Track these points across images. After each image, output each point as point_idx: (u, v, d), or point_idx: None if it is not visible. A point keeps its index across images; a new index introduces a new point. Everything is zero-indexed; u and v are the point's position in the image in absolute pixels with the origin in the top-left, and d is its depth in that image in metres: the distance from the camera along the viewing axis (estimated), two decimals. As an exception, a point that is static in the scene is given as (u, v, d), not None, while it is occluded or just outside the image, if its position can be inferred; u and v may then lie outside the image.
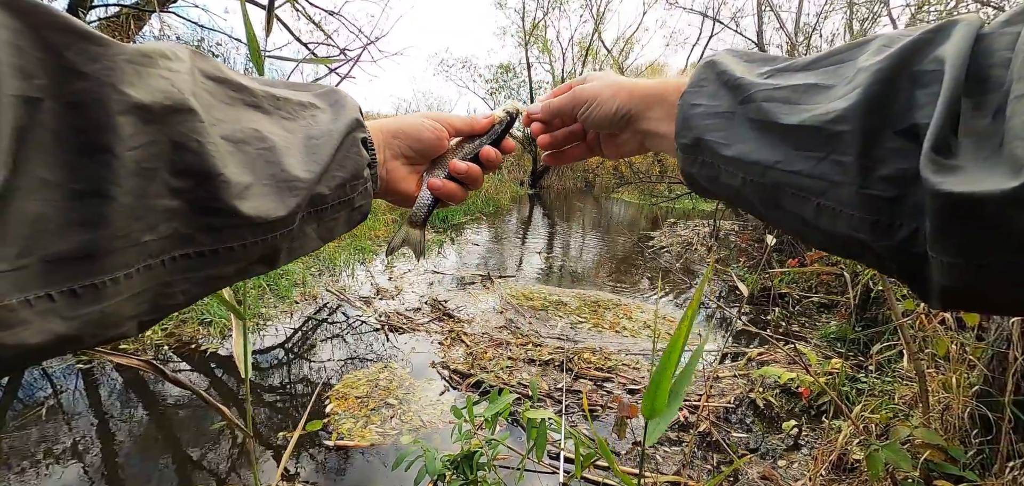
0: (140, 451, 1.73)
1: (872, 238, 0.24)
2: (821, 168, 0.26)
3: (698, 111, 0.34)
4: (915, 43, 0.24)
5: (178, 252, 0.24)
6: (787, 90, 0.29)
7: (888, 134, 0.23)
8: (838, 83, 0.27)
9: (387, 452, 1.76)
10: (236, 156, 0.26)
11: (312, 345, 2.64)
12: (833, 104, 0.26)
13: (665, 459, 1.78)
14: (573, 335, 2.87)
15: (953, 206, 0.19)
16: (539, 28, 12.15)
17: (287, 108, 0.32)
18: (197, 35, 6.67)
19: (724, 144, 0.32)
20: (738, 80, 0.32)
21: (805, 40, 5.35)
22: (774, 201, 0.29)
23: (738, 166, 0.31)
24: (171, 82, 0.23)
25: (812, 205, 0.27)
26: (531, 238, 6.07)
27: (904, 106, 0.23)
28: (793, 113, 0.28)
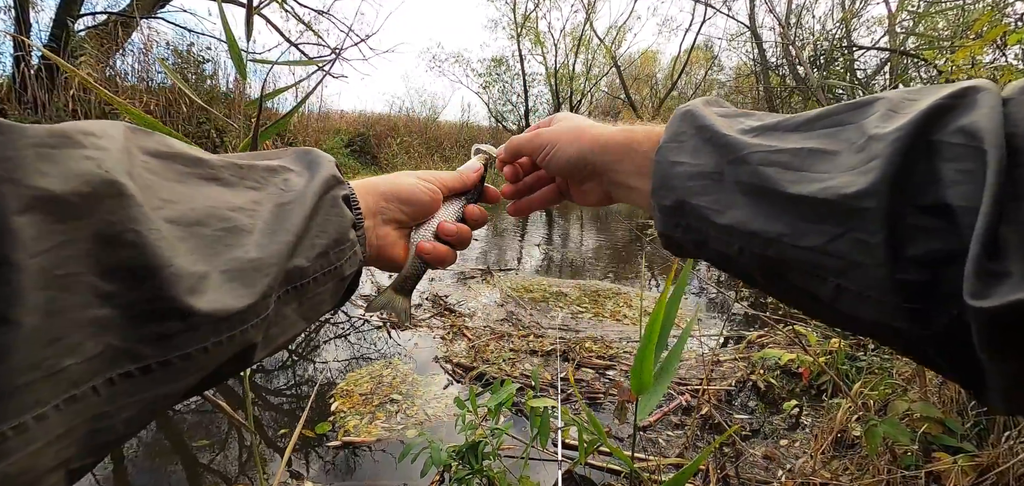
0: (149, 457, 1.74)
1: (910, 326, 0.21)
2: (838, 246, 0.23)
3: (680, 170, 0.30)
4: (934, 109, 0.22)
5: (115, 372, 0.19)
6: (786, 154, 0.26)
7: (911, 210, 0.21)
8: (843, 150, 0.24)
9: (394, 447, 1.78)
10: (187, 242, 0.22)
11: (316, 345, 2.65)
12: (850, 178, 0.23)
13: (669, 443, 1.80)
14: (574, 325, 2.88)
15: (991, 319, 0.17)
16: (531, 20, 12.09)
17: (253, 177, 0.28)
18: (186, 40, 6.64)
19: (715, 210, 0.28)
20: (725, 137, 0.29)
21: (797, 22, 5.34)
22: (778, 275, 0.26)
23: (734, 235, 0.27)
24: (97, 162, 0.19)
25: (829, 285, 0.24)
26: (530, 231, 6.08)
27: (926, 179, 0.21)
28: (800, 182, 0.25)
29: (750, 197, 0.27)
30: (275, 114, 6.04)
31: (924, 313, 0.21)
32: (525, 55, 12.42)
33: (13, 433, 0.16)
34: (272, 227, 0.26)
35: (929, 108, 0.22)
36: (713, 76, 12.00)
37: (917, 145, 0.21)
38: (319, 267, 0.30)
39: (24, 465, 0.16)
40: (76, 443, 0.18)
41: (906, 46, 3.98)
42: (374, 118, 11.11)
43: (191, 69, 6.57)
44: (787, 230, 0.25)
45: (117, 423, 0.20)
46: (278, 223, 0.27)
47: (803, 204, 0.24)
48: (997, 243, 0.18)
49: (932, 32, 3.60)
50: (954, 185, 0.20)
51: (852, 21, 4.97)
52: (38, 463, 0.17)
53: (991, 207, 0.18)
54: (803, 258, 0.24)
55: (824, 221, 0.23)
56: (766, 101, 6.17)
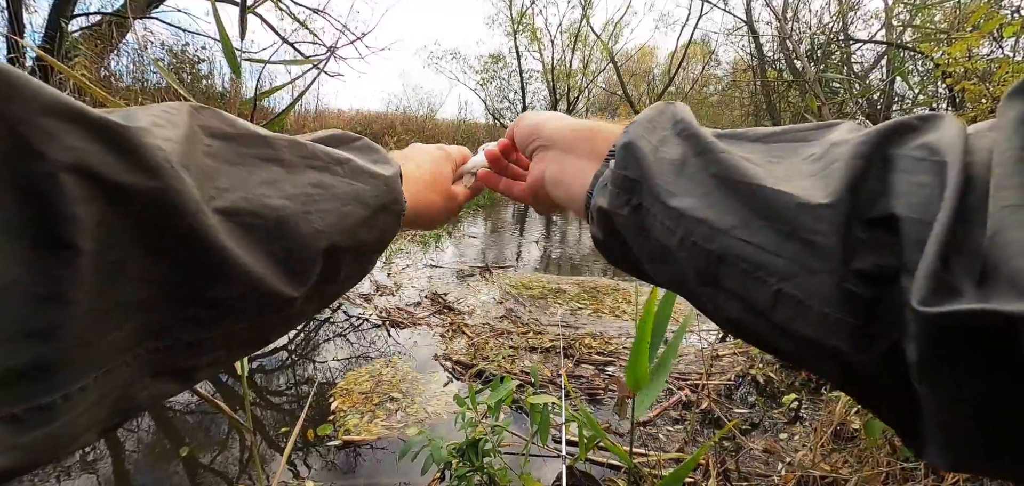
0: (150, 459, 1.74)
1: (849, 346, 0.20)
2: (787, 247, 0.21)
3: (649, 145, 0.29)
4: (898, 125, 0.21)
5: (146, 346, 0.20)
6: (754, 155, 0.25)
7: (859, 224, 0.20)
8: (805, 159, 0.24)
9: (394, 445, 1.78)
10: (234, 234, 0.22)
11: (315, 345, 2.65)
12: (811, 182, 0.22)
13: (669, 438, 1.81)
14: (573, 322, 2.89)
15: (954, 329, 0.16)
16: (527, 16, 12.06)
17: (317, 161, 0.28)
18: (181, 40, 6.61)
19: (669, 192, 0.27)
20: (697, 131, 0.28)
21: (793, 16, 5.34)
22: (713, 276, 0.25)
23: (681, 221, 0.26)
24: (162, 153, 0.19)
25: (768, 290, 0.22)
26: (528, 228, 6.08)
27: (877, 191, 0.20)
28: (759, 178, 0.24)
29: (707, 186, 0.26)
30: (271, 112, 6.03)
31: (865, 333, 0.19)
32: (522, 52, 12.40)
33: (62, 401, 0.17)
34: (324, 225, 0.26)
35: (894, 123, 0.21)
36: (710, 71, 12.00)
37: (874, 156, 0.21)
38: (351, 272, 0.30)
39: (64, 428, 0.18)
40: (107, 407, 0.20)
41: (903, 39, 3.98)
42: (371, 117, 11.09)
43: (186, 69, 6.54)
44: (738, 222, 0.24)
45: (141, 392, 0.21)
46: (330, 221, 0.27)
47: (760, 196, 0.23)
48: (949, 258, 0.17)
49: (928, 25, 3.60)
50: (905, 196, 0.19)
51: (849, 14, 4.97)
52: (78, 424, 0.19)
53: (950, 215, 0.17)
54: (747, 255, 0.23)
55: (777, 219, 0.22)
56: (763, 95, 6.17)
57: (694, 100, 11.48)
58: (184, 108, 0.23)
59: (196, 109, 0.24)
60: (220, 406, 0.84)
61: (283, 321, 0.27)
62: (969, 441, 0.17)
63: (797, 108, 4.78)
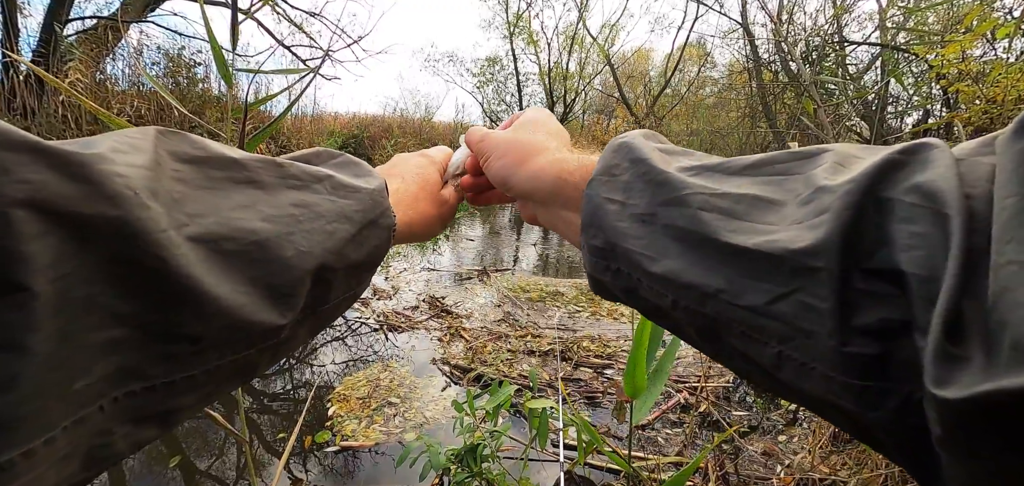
0: (147, 466, 1.73)
1: (858, 407, 0.19)
2: (782, 308, 0.20)
3: (611, 208, 0.27)
4: (885, 164, 0.20)
5: (122, 391, 0.19)
6: (727, 199, 0.24)
7: (859, 274, 0.19)
8: (789, 200, 0.22)
9: (392, 450, 1.78)
10: (210, 261, 0.21)
11: (312, 349, 2.64)
12: (797, 232, 0.21)
13: (668, 441, 1.81)
14: (571, 324, 2.89)
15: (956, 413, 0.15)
16: (523, 19, 12.09)
17: (294, 180, 0.27)
18: (177, 43, 6.59)
19: (648, 257, 0.25)
20: (662, 174, 0.26)
21: (788, 18, 5.37)
22: (713, 334, 0.24)
23: (668, 287, 0.25)
24: (125, 181, 0.18)
25: (770, 351, 0.21)
26: (525, 231, 6.08)
27: (877, 240, 0.19)
28: (741, 232, 0.22)
29: (686, 245, 0.24)
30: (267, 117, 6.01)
31: (874, 392, 0.18)
32: (518, 54, 12.42)
33: (22, 458, 0.16)
34: (307, 247, 0.25)
35: (881, 162, 0.20)
36: (706, 73, 12.04)
37: (866, 203, 0.19)
38: (341, 294, 0.29)
39: None
40: (78, 459, 0.18)
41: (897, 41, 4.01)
42: (368, 120, 11.08)
43: (183, 73, 6.52)
44: (726, 285, 0.22)
45: (118, 439, 0.20)
46: (314, 243, 0.25)
47: (744, 257, 0.22)
48: (960, 322, 0.16)
49: (922, 27, 3.63)
50: (908, 249, 0.18)
51: (843, 16, 5.00)
52: (44, 481, 0.17)
53: (956, 279, 0.16)
54: (742, 318, 0.22)
55: (767, 278, 0.21)
56: (759, 97, 6.20)
57: (691, 102, 11.52)
58: (149, 132, 0.22)
59: (162, 133, 0.22)
60: (215, 417, 0.83)
61: (273, 350, 0.25)
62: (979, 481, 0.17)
63: (793, 110, 4.81)
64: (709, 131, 9.71)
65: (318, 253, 0.25)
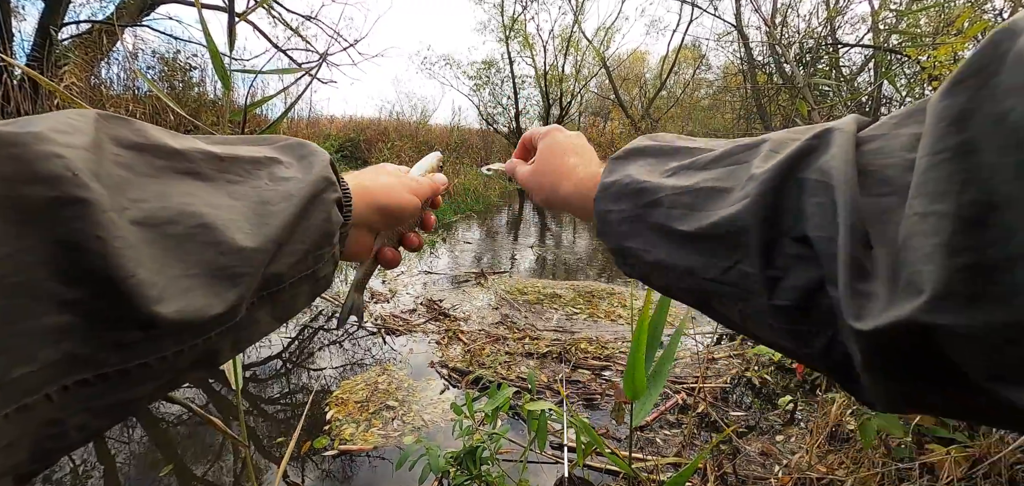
0: (143, 472, 1.72)
1: (795, 346, 0.24)
2: (732, 276, 0.26)
3: (612, 217, 0.33)
4: (799, 150, 0.24)
5: (71, 379, 0.18)
6: (689, 194, 0.29)
7: (786, 241, 0.23)
8: (735, 187, 0.27)
9: (391, 453, 1.77)
10: (156, 245, 0.20)
11: (310, 353, 2.63)
12: (729, 210, 0.26)
13: (666, 442, 1.81)
14: (569, 326, 2.89)
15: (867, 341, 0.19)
16: (519, 22, 12.11)
17: (236, 169, 0.26)
18: (172, 47, 6.57)
19: (644, 250, 0.31)
20: (641, 185, 0.32)
21: (782, 20, 5.40)
22: (705, 303, 0.29)
23: (662, 271, 0.31)
24: (65, 163, 0.17)
25: (736, 310, 0.27)
26: (523, 233, 6.09)
27: (796, 214, 0.23)
28: (692, 220, 0.28)
29: (662, 237, 0.30)
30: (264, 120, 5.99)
31: (804, 335, 0.23)
32: (514, 57, 12.44)
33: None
34: (252, 229, 0.25)
35: (797, 149, 0.24)
36: (701, 75, 12.10)
37: (788, 183, 0.24)
38: (297, 272, 0.29)
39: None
40: (26, 450, 0.18)
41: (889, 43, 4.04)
42: (364, 123, 11.07)
43: (178, 77, 6.50)
44: (696, 264, 0.28)
45: (71, 429, 0.19)
46: (259, 225, 0.25)
47: (700, 240, 0.27)
48: (862, 265, 0.20)
49: (914, 29, 3.66)
50: (811, 218, 0.22)
51: (837, 19, 5.04)
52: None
53: (846, 235, 0.20)
54: (712, 289, 0.27)
55: (717, 255, 0.26)
56: (754, 99, 6.23)
57: (686, 104, 11.56)
58: (90, 115, 0.21)
59: (103, 117, 0.22)
60: (213, 421, 0.83)
61: (232, 334, 0.25)
62: (898, 398, 0.21)
63: (788, 112, 4.84)
64: (704, 133, 9.74)
65: (265, 234, 0.25)
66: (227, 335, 0.24)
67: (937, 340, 0.17)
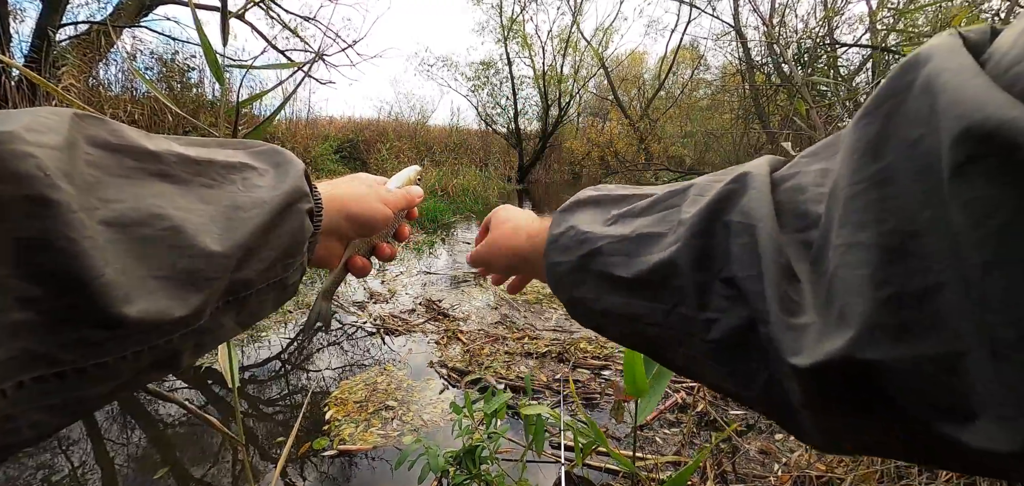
0: (141, 473, 1.71)
1: (737, 388, 0.24)
2: (673, 319, 0.26)
3: (561, 269, 0.34)
4: (720, 194, 0.25)
5: (28, 375, 0.18)
6: (628, 242, 0.29)
7: (717, 284, 0.23)
8: (668, 232, 0.27)
9: (390, 454, 1.77)
10: (123, 245, 0.20)
11: (309, 354, 2.62)
12: (662, 254, 0.26)
13: (665, 441, 1.81)
14: (568, 326, 2.89)
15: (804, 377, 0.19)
16: (517, 23, 12.12)
17: (210, 173, 0.26)
18: (170, 48, 6.57)
19: (593, 299, 0.31)
20: (584, 235, 0.32)
21: (780, 21, 5.41)
22: (655, 350, 0.29)
23: (612, 320, 0.31)
24: (36, 162, 0.18)
25: (680, 354, 0.27)
26: (521, 233, 6.08)
27: (723, 256, 0.23)
28: (631, 266, 0.28)
29: (607, 284, 0.30)
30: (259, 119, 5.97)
31: (742, 375, 0.23)
32: (513, 58, 12.44)
33: None
34: (221, 233, 0.25)
35: (718, 192, 0.25)
36: (700, 75, 12.12)
37: (714, 226, 0.24)
38: (265, 279, 0.29)
39: None
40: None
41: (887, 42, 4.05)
42: (363, 123, 11.07)
43: (176, 77, 6.49)
44: (640, 310, 0.28)
45: (24, 426, 0.19)
46: (229, 230, 0.25)
47: (640, 286, 0.27)
48: (790, 299, 0.20)
49: (912, 29, 3.67)
50: (737, 259, 0.22)
51: (834, 19, 5.05)
52: None
53: (771, 271, 0.20)
54: (655, 334, 0.27)
55: (658, 298, 0.27)
56: (752, 99, 6.24)
57: (684, 104, 11.58)
58: (66, 114, 0.21)
59: (79, 117, 0.22)
60: (210, 420, 0.83)
61: (195, 337, 0.25)
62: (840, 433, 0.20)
63: (786, 111, 4.85)
64: (703, 133, 9.77)
65: (234, 240, 0.25)
66: (190, 338, 0.24)
67: (872, 374, 0.17)
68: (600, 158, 12.82)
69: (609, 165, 12.38)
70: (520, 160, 12.41)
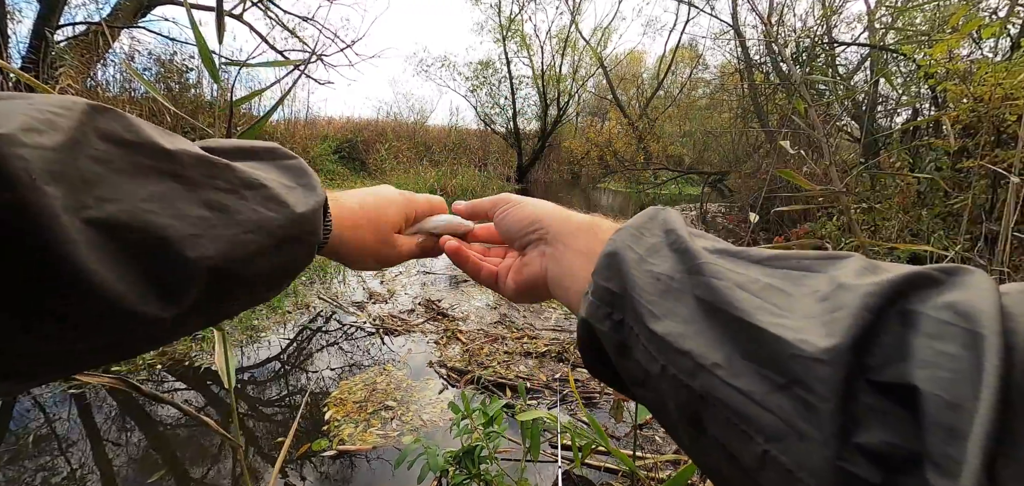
0: (140, 475, 1.71)
1: None
2: (779, 401, 0.18)
3: (633, 257, 0.27)
4: (917, 276, 0.18)
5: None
6: (747, 280, 0.22)
7: (865, 386, 0.17)
8: (807, 294, 0.21)
9: (389, 453, 1.77)
10: (106, 247, 0.21)
11: (308, 355, 2.62)
12: (809, 323, 0.19)
13: (665, 439, 1.82)
14: (568, 325, 2.89)
15: None
16: (516, 23, 12.12)
17: (224, 178, 0.27)
18: (169, 48, 6.56)
19: (653, 315, 0.24)
20: (688, 245, 0.25)
21: (779, 19, 5.42)
22: (696, 417, 0.22)
23: (662, 348, 0.23)
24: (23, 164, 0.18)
25: (755, 449, 0.19)
26: (521, 233, 6.09)
27: (893, 351, 0.17)
28: (755, 310, 0.21)
29: (697, 311, 0.23)
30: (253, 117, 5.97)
31: None
32: (511, 58, 12.44)
33: None
34: (212, 245, 0.25)
35: (913, 274, 0.18)
36: (698, 75, 12.13)
37: (888, 310, 0.18)
38: (244, 298, 0.29)
39: None
40: None
41: (885, 41, 4.06)
42: (362, 124, 11.07)
43: (174, 78, 6.48)
44: (722, 360, 0.20)
45: None
46: (222, 243, 0.25)
47: (750, 334, 0.20)
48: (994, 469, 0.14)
49: (910, 27, 3.68)
50: (929, 366, 0.16)
51: (832, 18, 5.06)
52: None
53: (993, 409, 0.14)
54: (732, 402, 0.20)
55: (768, 364, 0.19)
56: (751, 98, 6.25)
57: (683, 104, 11.59)
58: (78, 107, 0.21)
59: (95, 109, 0.22)
60: (207, 421, 0.83)
61: (150, 338, 0.25)
62: None
63: (785, 110, 4.85)
64: (702, 132, 9.78)
65: (222, 259, 0.25)
66: (148, 339, 0.25)
67: None
68: (599, 157, 12.83)
69: (608, 164, 12.39)
70: (519, 160, 12.42)
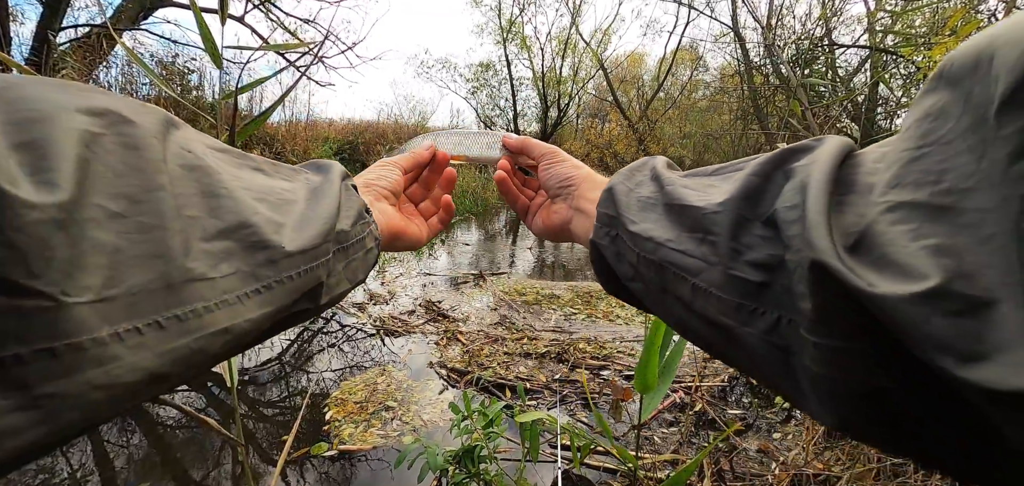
0: (141, 477, 1.72)
1: (737, 322, 0.24)
2: (701, 249, 0.27)
3: (624, 189, 0.36)
4: (793, 147, 0.26)
5: (247, 289, 0.24)
6: (697, 185, 0.31)
7: (757, 224, 0.24)
8: (729, 180, 0.29)
9: (389, 454, 1.77)
10: (263, 203, 0.27)
11: (309, 356, 2.63)
12: (720, 194, 0.28)
13: (663, 440, 1.82)
14: (567, 326, 2.90)
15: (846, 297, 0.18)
16: (516, 25, 12.14)
17: (284, 172, 0.33)
18: (171, 51, 6.58)
19: (632, 221, 0.33)
20: (662, 174, 0.35)
21: (778, 22, 5.43)
22: (661, 283, 0.30)
23: (637, 242, 0.32)
24: (189, 145, 0.24)
25: (689, 285, 0.28)
26: (521, 235, 6.09)
27: (772, 197, 0.24)
28: (696, 196, 0.30)
29: (661, 211, 0.32)
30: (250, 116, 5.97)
31: (751, 311, 0.24)
32: (512, 59, 12.46)
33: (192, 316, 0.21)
34: (314, 202, 0.31)
35: (795, 145, 0.26)
36: (698, 76, 12.14)
37: (775, 171, 0.25)
38: (355, 234, 0.35)
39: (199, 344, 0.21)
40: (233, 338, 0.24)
41: (884, 43, 4.06)
42: (362, 126, 11.07)
43: (176, 80, 6.50)
44: (672, 236, 0.30)
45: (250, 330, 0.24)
46: (317, 200, 0.32)
47: (686, 213, 0.29)
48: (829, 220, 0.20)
49: (909, 29, 3.68)
50: (784, 197, 0.23)
51: (832, 20, 5.07)
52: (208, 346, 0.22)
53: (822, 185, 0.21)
54: (677, 261, 0.29)
55: (695, 228, 0.28)
56: (750, 100, 6.25)
57: (683, 105, 11.59)
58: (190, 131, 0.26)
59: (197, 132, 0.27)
60: (208, 421, 0.84)
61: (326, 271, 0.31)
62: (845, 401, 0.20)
63: (784, 112, 4.86)
64: (702, 133, 9.77)
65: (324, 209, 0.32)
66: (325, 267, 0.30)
67: None
68: (599, 159, 12.83)
69: (608, 166, 12.39)
70: (519, 161, 12.38)
